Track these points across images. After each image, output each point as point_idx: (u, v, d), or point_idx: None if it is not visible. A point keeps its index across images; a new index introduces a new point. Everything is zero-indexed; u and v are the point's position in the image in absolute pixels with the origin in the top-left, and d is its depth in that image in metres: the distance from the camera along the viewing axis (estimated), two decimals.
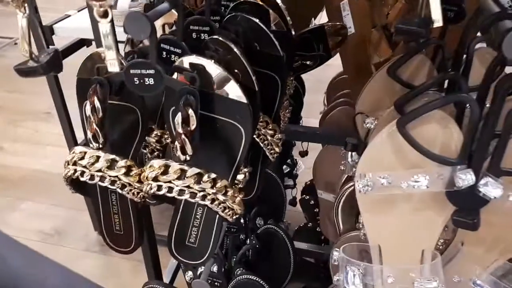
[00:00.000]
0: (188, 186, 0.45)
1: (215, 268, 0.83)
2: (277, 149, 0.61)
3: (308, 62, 0.84)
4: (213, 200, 0.47)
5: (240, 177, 0.52)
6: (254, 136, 0.58)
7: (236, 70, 0.52)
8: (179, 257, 0.56)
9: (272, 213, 0.99)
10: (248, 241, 0.88)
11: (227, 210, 0.49)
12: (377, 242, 0.49)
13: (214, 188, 0.46)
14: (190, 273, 0.88)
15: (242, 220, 0.93)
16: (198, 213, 0.54)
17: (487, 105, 0.43)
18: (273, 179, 1.03)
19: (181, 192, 0.45)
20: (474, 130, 0.40)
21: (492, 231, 0.47)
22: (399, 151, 0.45)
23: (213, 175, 0.47)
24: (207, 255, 0.56)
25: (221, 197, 0.47)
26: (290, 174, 1.32)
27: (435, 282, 0.44)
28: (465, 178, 0.41)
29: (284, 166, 1.30)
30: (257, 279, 0.79)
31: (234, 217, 0.51)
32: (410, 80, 0.55)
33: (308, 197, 1.32)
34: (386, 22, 0.88)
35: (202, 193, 0.46)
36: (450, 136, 0.43)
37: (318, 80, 1.47)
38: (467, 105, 0.45)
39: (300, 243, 1.18)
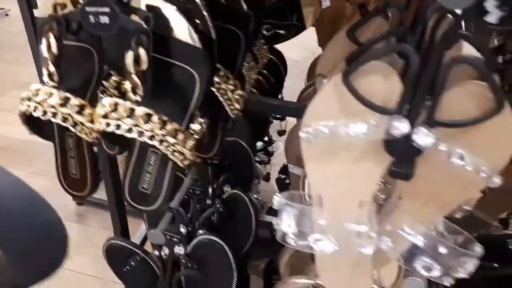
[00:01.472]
0: (136, 125, 0.46)
1: (181, 229, 0.84)
2: (237, 106, 0.62)
3: (282, 32, 0.85)
4: (161, 141, 0.48)
5: (195, 127, 0.53)
6: (214, 89, 0.59)
7: (197, 20, 0.53)
8: (132, 202, 0.58)
9: (241, 183, 1.00)
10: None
11: (177, 154, 0.50)
12: (318, 191, 0.50)
13: (164, 129, 0.47)
14: None
15: (210, 189, 0.94)
16: (151, 160, 0.55)
17: None
18: (244, 150, 1.04)
19: (129, 130, 0.46)
20: (413, 81, 0.42)
21: (429, 186, 0.49)
22: (342, 101, 0.46)
23: (164, 117, 0.48)
24: (159, 201, 0.57)
25: (170, 139, 0.48)
26: (266, 151, 1.34)
27: (364, 227, 0.46)
28: (400, 126, 0.42)
29: (261, 144, 1.31)
30: (217, 240, 0.81)
31: (185, 162, 0.52)
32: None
33: (284, 176, 1.34)
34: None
35: (150, 133, 0.47)
36: (392, 87, 0.44)
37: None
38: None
39: (272, 217, 1.20)
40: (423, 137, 0.42)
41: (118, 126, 0.46)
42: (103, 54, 0.52)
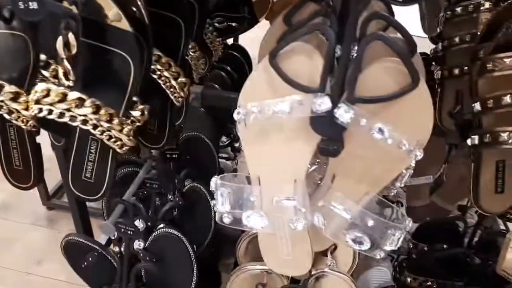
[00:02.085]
0: (68, 110, 0.47)
1: (139, 224, 0.84)
2: (181, 93, 0.63)
3: (234, 24, 0.86)
4: (95, 127, 0.48)
5: (136, 113, 0.54)
6: (155, 77, 0.60)
7: (134, 8, 0.54)
8: (76, 192, 0.58)
9: (204, 178, 1.01)
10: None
11: (113, 139, 0.51)
12: (256, 172, 0.51)
13: (97, 114, 0.48)
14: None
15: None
16: (92, 147, 0.56)
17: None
18: (206, 145, 1.05)
19: (61, 115, 0.47)
20: (330, 58, 0.44)
21: (360, 164, 0.50)
22: (271, 82, 0.48)
23: (97, 102, 0.48)
24: (103, 190, 0.57)
25: (104, 124, 0.49)
26: (232, 146, 1.35)
27: (293, 201, 0.48)
28: (321, 103, 0.44)
29: (225, 139, 1.32)
30: (175, 232, 0.82)
31: (124, 148, 0.53)
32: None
33: None
34: None
35: (82, 117, 0.47)
36: (315, 67, 0.46)
37: None
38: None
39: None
40: (343, 113, 0.44)
41: (50, 111, 0.46)
42: (37, 41, 0.52)
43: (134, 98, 0.54)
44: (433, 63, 0.80)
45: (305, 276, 0.73)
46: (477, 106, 0.57)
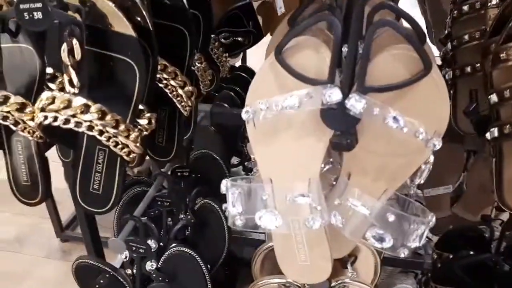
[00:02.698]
0: (73, 116, 0.46)
1: (152, 244, 0.82)
2: (189, 102, 0.63)
3: (239, 39, 0.86)
4: (101, 132, 0.47)
5: (143, 121, 0.53)
6: (162, 86, 0.59)
7: (138, 18, 0.54)
8: (84, 205, 0.57)
9: (215, 196, 0.99)
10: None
11: (120, 146, 0.50)
12: (268, 175, 0.50)
13: (103, 120, 0.47)
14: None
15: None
16: (99, 158, 0.55)
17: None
18: (217, 163, 1.03)
19: (66, 121, 0.46)
20: (337, 49, 0.42)
21: (376, 160, 0.48)
22: (278, 78, 0.47)
23: (103, 108, 0.48)
24: (111, 202, 0.56)
25: (110, 130, 0.48)
26: (243, 166, 1.33)
27: (308, 198, 0.45)
28: (332, 94, 0.43)
29: (236, 160, 1.31)
30: (188, 250, 0.79)
31: (132, 156, 0.52)
32: None
33: None
34: None
35: (88, 123, 0.47)
36: (323, 60, 0.45)
37: None
38: None
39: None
40: (355, 103, 0.42)
41: (55, 118, 0.46)
42: (43, 54, 0.52)
43: (141, 107, 0.54)
44: (444, 66, 0.79)
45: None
46: (494, 97, 0.55)
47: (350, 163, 0.50)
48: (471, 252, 0.78)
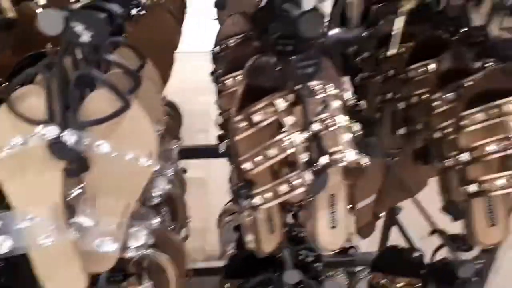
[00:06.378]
0: None
1: None
2: None
3: None
4: None
5: None
6: None
7: None
8: None
9: None
10: None
11: None
12: (23, 207, 0.57)
13: None
14: None
15: None
16: None
17: None
18: None
19: None
20: (48, 91, 0.53)
21: (110, 180, 0.58)
22: (14, 121, 0.55)
23: None
24: None
25: None
26: None
27: (39, 219, 0.54)
28: (48, 131, 0.53)
29: None
30: None
31: None
32: None
33: None
34: None
35: None
36: (42, 102, 0.54)
37: None
38: None
39: None
40: (69, 136, 0.53)
41: None
42: None
43: None
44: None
45: None
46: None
47: (91, 187, 0.59)
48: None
